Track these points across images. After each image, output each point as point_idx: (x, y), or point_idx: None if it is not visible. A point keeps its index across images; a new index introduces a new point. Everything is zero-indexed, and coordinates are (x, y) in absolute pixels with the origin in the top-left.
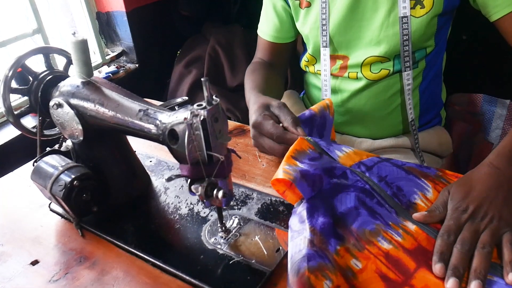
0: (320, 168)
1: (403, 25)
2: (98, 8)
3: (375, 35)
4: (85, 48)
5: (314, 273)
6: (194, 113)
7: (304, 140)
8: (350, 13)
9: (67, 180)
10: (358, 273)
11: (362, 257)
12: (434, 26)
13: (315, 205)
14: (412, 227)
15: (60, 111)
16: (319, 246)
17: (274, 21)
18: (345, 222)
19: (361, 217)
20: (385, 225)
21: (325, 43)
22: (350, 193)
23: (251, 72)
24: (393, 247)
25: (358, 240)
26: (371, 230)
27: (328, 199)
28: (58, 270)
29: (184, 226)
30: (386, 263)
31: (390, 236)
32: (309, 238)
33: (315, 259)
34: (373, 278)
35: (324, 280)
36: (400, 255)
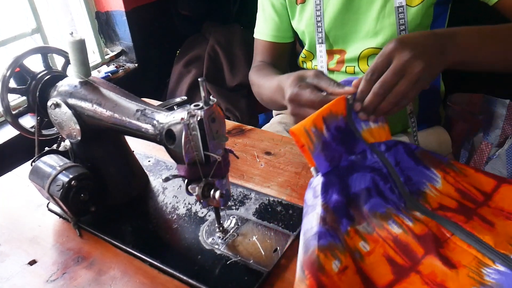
0: (342, 142)
1: (399, 15)
2: (98, 7)
3: (371, 27)
4: (82, 48)
5: (324, 252)
6: (191, 113)
7: (342, 102)
8: (346, 6)
9: (65, 180)
10: (366, 255)
11: (371, 240)
12: (430, 16)
13: (330, 181)
14: (421, 216)
15: (58, 111)
16: (331, 224)
17: (274, 19)
18: (357, 203)
19: (373, 199)
20: (396, 210)
21: (321, 40)
22: (366, 174)
23: (259, 70)
24: (402, 232)
25: (369, 223)
26: (382, 213)
27: (344, 177)
28: (55, 270)
29: (182, 226)
30: (394, 247)
31: (401, 221)
32: (321, 215)
33: (326, 238)
34: (380, 262)
35: (333, 260)
36: (409, 240)
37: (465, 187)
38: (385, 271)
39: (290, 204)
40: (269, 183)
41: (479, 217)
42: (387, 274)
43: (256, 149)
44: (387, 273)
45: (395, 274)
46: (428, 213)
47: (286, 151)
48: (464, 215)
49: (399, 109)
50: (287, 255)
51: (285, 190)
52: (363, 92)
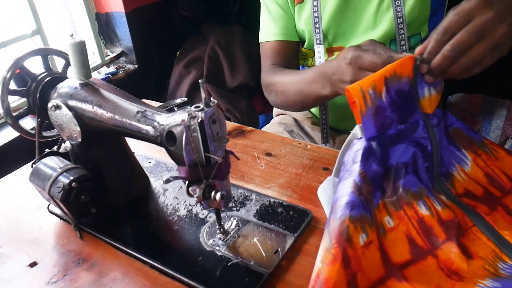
0: (398, 108)
1: (396, 8)
2: (97, 8)
3: (370, 22)
4: (83, 49)
5: (354, 223)
6: (192, 115)
7: (410, 62)
8: (344, 3)
9: (66, 182)
10: (388, 231)
11: (396, 216)
12: (428, 9)
13: (372, 149)
14: (447, 201)
15: (58, 112)
16: (365, 196)
17: (282, 17)
18: (392, 176)
19: (409, 176)
20: (428, 190)
21: (319, 40)
22: (410, 147)
23: (276, 71)
24: (429, 214)
25: (399, 199)
26: (414, 192)
27: (387, 146)
28: (56, 272)
29: (182, 227)
30: (418, 228)
31: (431, 203)
32: (358, 183)
33: (359, 209)
34: (400, 239)
35: (362, 233)
36: (433, 223)
37: (494, 172)
38: (403, 250)
39: (291, 205)
40: (269, 184)
41: (504, 208)
42: (404, 253)
43: (257, 150)
44: (405, 252)
45: (413, 254)
46: (453, 199)
47: (286, 152)
48: (488, 205)
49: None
50: (288, 256)
51: (285, 191)
52: (431, 54)
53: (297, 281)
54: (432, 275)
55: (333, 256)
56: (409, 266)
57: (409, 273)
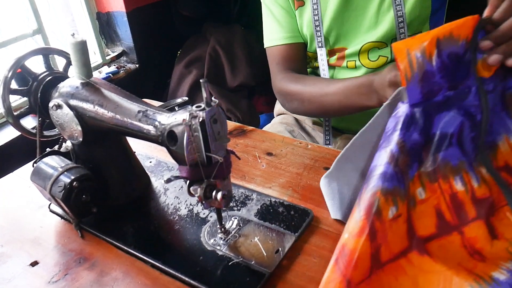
0: (449, 74)
1: (396, 7)
2: (98, 8)
3: (372, 22)
4: (84, 49)
5: (386, 195)
6: (193, 114)
7: (472, 23)
8: (345, 4)
9: (67, 181)
10: (419, 203)
11: (429, 189)
12: (429, 8)
13: (416, 116)
14: (486, 174)
15: (59, 112)
16: (401, 167)
17: (287, 19)
18: (432, 146)
19: (451, 148)
20: (469, 165)
21: (321, 44)
22: (457, 116)
23: (298, 78)
24: (464, 190)
25: (435, 171)
26: (453, 165)
27: (432, 114)
28: (57, 271)
29: (183, 227)
30: (449, 203)
31: (468, 179)
32: (395, 153)
33: (393, 181)
34: (429, 212)
35: (392, 206)
36: (466, 200)
37: None
38: (430, 223)
39: (291, 205)
40: (270, 184)
41: None
42: (430, 227)
43: (258, 150)
44: (431, 225)
45: (438, 228)
46: (492, 172)
47: (287, 151)
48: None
49: None
50: (289, 256)
51: (286, 191)
52: (500, 19)
53: (298, 280)
54: (454, 252)
55: (360, 228)
56: (432, 240)
57: (432, 248)
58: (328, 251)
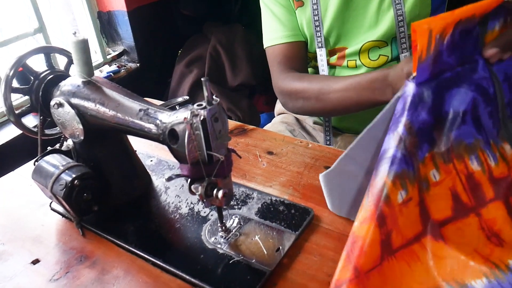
0: (457, 49)
1: (396, 6)
2: (100, 7)
3: (372, 21)
4: (85, 47)
5: (393, 179)
6: (194, 113)
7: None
8: (345, 4)
9: (68, 180)
10: (432, 185)
11: (443, 170)
12: (429, 6)
13: (424, 95)
14: (510, 151)
15: (61, 110)
16: (409, 149)
17: (287, 18)
18: (444, 125)
19: (465, 126)
20: (485, 143)
21: (321, 44)
22: (468, 92)
23: (302, 77)
24: (480, 170)
25: (449, 151)
26: (468, 144)
27: (442, 91)
28: (58, 269)
29: (184, 225)
30: (465, 184)
31: (484, 158)
32: (402, 135)
33: (400, 164)
34: (444, 195)
35: (401, 189)
36: (483, 180)
37: None
38: (445, 206)
39: (292, 203)
40: (271, 183)
41: None
42: (446, 210)
43: (258, 149)
44: (447, 208)
45: (455, 211)
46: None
47: (288, 150)
48: None
49: None
50: (289, 254)
51: (287, 189)
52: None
53: (299, 279)
54: (471, 236)
55: (369, 215)
56: (448, 224)
57: (448, 232)
58: (328, 250)
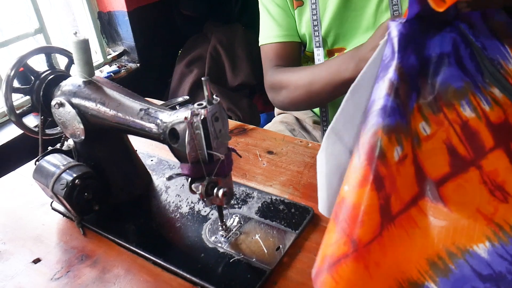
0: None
1: (393, 7)
2: (100, 7)
3: (370, 23)
4: (86, 47)
5: (388, 134)
6: (195, 112)
7: None
8: (344, 4)
9: (69, 179)
10: (424, 140)
11: (434, 121)
12: None
13: (412, 34)
14: (500, 95)
15: (61, 110)
16: (402, 98)
17: (283, 18)
18: (428, 71)
19: (450, 68)
20: (475, 86)
21: (318, 43)
22: (447, 33)
23: (285, 69)
24: (475, 117)
25: (437, 99)
26: (457, 88)
27: (424, 34)
28: (59, 268)
29: (185, 224)
30: (461, 134)
31: (477, 102)
32: (394, 81)
33: (395, 116)
34: (438, 149)
35: (397, 145)
36: (480, 128)
37: None
38: (441, 161)
39: (292, 202)
40: (271, 182)
41: None
42: (443, 166)
43: (258, 148)
44: (444, 164)
45: (452, 166)
46: (509, 89)
47: (288, 150)
48: None
49: None
50: (289, 253)
51: (287, 189)
52: None
53: (299, 277)
54: (473, 193)
55: (362, 176)
56: (447, 182)
57: (447, 191)
58: None
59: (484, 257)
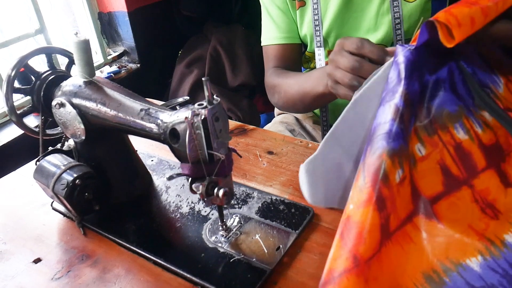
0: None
1: (394, 8)
2: (100, 8)
3: (371, 24)
4: (87, 48)
5: (392, 157)
6: (195, 112)
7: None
8: (346, 5)
9: (69, 179)
10: (419, 160)
11: (429, 143)
12: (429, 10)
13: (418, 61)
14: (489, 118)
15: (62, 110)
16: (406, 123)
17: (283, 20)
18: (425, 95)
19: (445, 93)
20: (467, 110)
21: (319, 43)
22: (442, 61)
23: (280, 73)
24: (468, 139)
25: (432, 122)
26: (452, 111)
27: (425, 60)
28: (60, 268)
29: (185, 224)
30: (454, 155)
31: (470, 125)
32: (400, 107)
33: (399, 140)
34: (432, 169)
35: (399, 168)
36: (473, 149)
37: None
38: (435, 181)
39: (292, 202)
40: (271, 182)
41: None
42: (437, 185)
43: (259, 149)
44: (437, 183)
45: (446, 185)
46: (498, 113)
47: (288, 150)
48: None
49: None
50: (289, 253)
51: (287, 189)
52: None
53: (299, 277)
54: (465, 210)
55: (366, 197)
56: (440, 200)
57: (440, 208)
58: (328, 248)
59: (477, 271)
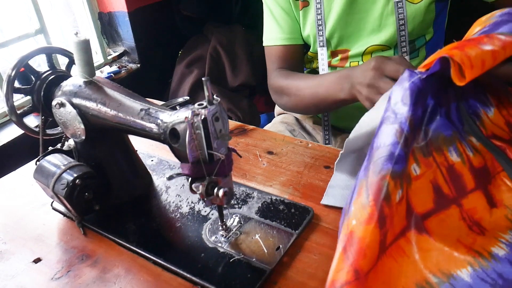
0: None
1: (398, 9)
2: (100, 8)
3: (375, 25)
4: (87, 48)
5: (395, 179)
6: (195, 112)
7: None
8: (349, 6)
9: (69, 179)
10: (414, 179)
11: (424, 163)
12: (433, 12)
13: (425, 89)
14: (477, 143)
15: (62, 110)
16: (408, 147)
17: (286, 21)
18: (423, 119)
19: (440, 118)
20: (460, 135)
21: (322, 43)
22: (441, 88)
23: (288, 75)
24: (460, 161)
25: (428, 144)
26: (447, 136)
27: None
28: (60, 268)
29: (185, 224)
30: (446, 176)
31: (463, 148)
32: (405, 132)
33: (402, 163)
34: (425, 188)
35: (399, 189)
36: (463, 171)
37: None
38: (427, 198)
39: (292, 202)
40: (271, 182)
41: None
42: (428, 202)
43: (258, 149)
44: (428, 201)
45: (436, 203)
46: (483, 139)
47: (288, 150)
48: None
49: None
50: (289, 253)
51: (287, 189)
52: None
53: (299, 277)
54: (453, 227)
55: (368, 214)
56: (431, 216)
57: (431, 224)
58: (328, 248)
59: (468, 281)
